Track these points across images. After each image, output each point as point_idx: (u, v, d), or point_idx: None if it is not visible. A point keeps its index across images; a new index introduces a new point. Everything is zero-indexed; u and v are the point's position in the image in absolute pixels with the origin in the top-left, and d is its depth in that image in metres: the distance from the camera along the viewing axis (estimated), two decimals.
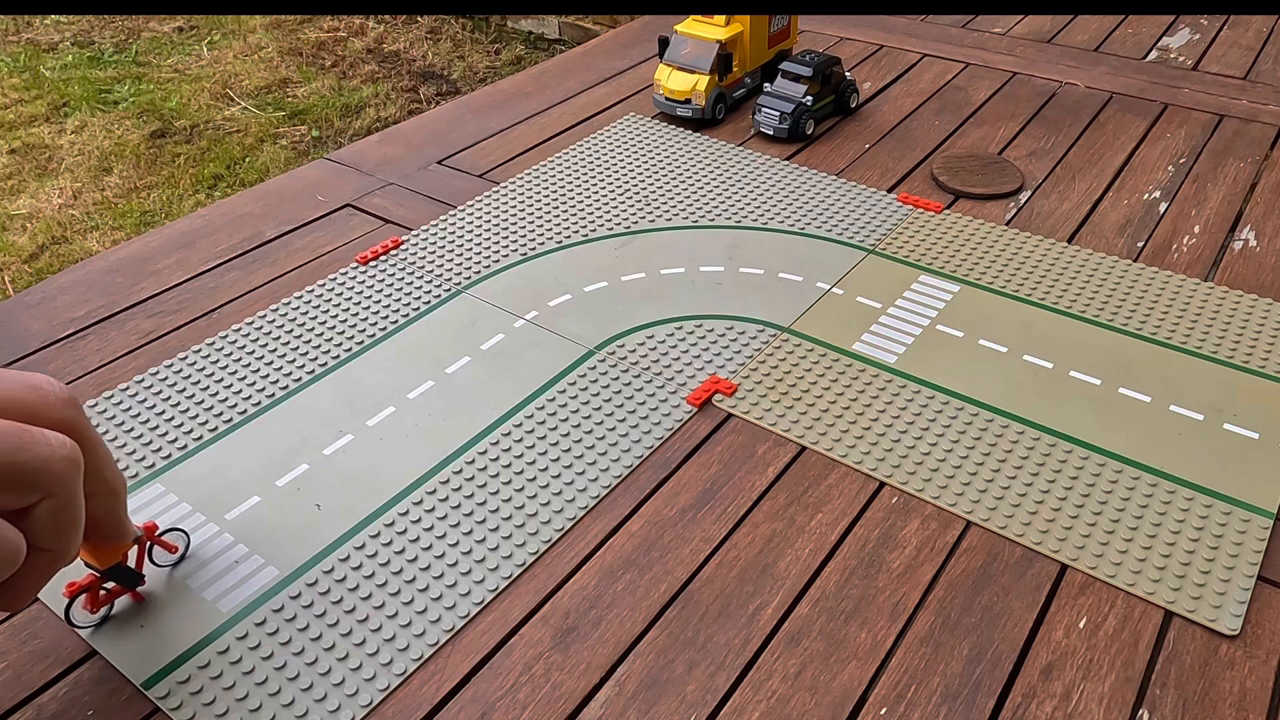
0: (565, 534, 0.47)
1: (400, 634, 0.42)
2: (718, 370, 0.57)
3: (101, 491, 0.36)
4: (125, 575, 0.42)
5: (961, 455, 0.51)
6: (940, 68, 0.95)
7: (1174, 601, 0.43)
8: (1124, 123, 0.84)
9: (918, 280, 0.64)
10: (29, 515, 0.33)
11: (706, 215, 0.71)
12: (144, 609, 0.43)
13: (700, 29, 0.83)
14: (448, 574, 0.45)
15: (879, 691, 0.40)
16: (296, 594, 0.44)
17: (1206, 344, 0.58)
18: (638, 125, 0.84)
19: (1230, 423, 0.52)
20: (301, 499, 0.48)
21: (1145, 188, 0.75)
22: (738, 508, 0.48)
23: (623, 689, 0.40)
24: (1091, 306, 0.61)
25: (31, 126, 2.45)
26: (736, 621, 0.43)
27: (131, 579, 0.42)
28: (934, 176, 0.76)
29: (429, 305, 0.62)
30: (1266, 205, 0.72)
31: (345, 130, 2.42)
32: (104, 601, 0.42)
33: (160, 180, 2.23)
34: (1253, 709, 0.39)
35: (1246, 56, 0.96)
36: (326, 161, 0.81)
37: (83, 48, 2.87)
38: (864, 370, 0.56)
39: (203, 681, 0.40)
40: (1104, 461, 0.50)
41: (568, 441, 0.52)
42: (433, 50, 2.82)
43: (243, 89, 2.61)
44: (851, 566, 0.45)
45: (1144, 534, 0.46)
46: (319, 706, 0.39)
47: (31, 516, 0.33)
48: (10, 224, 2.08)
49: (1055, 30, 1.03)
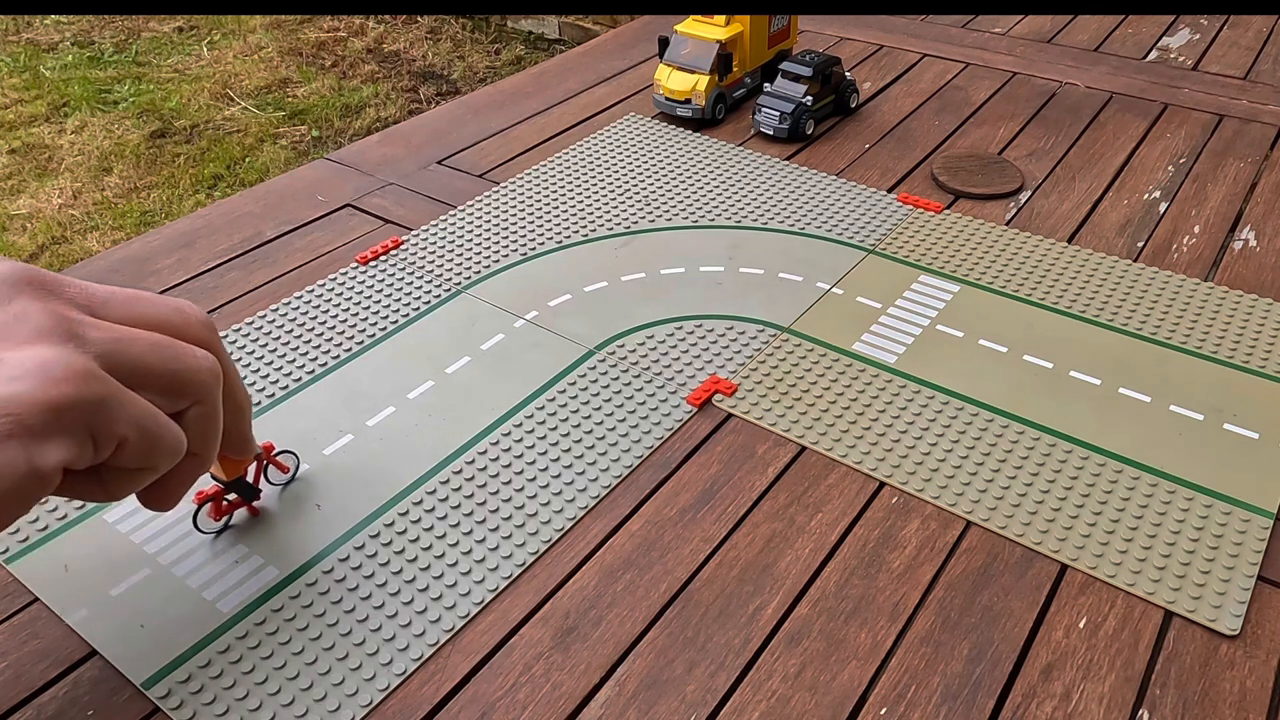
0: (565, 534, 0.47)
1: (400, 634, 0.42)
2: (718, 370, 0.57)
3: (233, 407, 0.40)
4: (245, 489, 0.47)
5: (961, 455, 0.51)
6: (940, 68, 0.95)
7: (1174, 601, 0.43)
8: (1124, 123, 0.84)
9: (918, 280, 0.64)
10: (180, 420, 0.37)
11: (706, 215, 0.71)
12: (144, 609, 0.43)
13: (700, 29, 0.83)
14: (448, 574, 0.45)
15: (879, 691, 0.40)
16: (296, 594, 0.44)
17: (1206, 344, 0.58)
18: (638, 125, 0.84)
19: (1230, 423, 0.52)
20: (301, 499, 0.48)
21: (1145, 188, 0.75)
22: (738, 508, 0.48)
23: (623, 689, 0.40)
24: (1091, 306, 0.61)
25: (31, 126, 2.45)
26: (736, 621, 0.43)
27: (250, 493, 0.47)
28: (934, 176, 0.76)
29: (429, 305, 0.62)
30: (1266, 205, 0.72)
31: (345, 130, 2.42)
32: (225, 511, 0.47)
33: (160, 180, 2.23)
34: (1253, 709, 0.39)
35: (1246, 56, 0.96)
36: (326, 161, 0.81)
37: (83, 48, 2.87)
38: (864, 370, 0.56)
39: (203, 681, 0.40)
40: (1104, 461, 0.50)
41: (568, 441, 0.52)
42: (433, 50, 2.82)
43: (243, 89, 2.61)
44: (851, 566, 0.45)
45: (1144, 534, 0.46)
46: (319, 706, 0.39)
47: (182, 421, 0.37)
48: (10, 224, 2.08)
49: (1055, 30, 1.03)
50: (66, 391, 0.32)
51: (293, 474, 0.49)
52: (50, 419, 0.31)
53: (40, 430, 0.31)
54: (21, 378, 0.31)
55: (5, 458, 0.31)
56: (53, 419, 0.32)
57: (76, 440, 0.32)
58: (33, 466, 0.31)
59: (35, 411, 0.31)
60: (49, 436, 0.32)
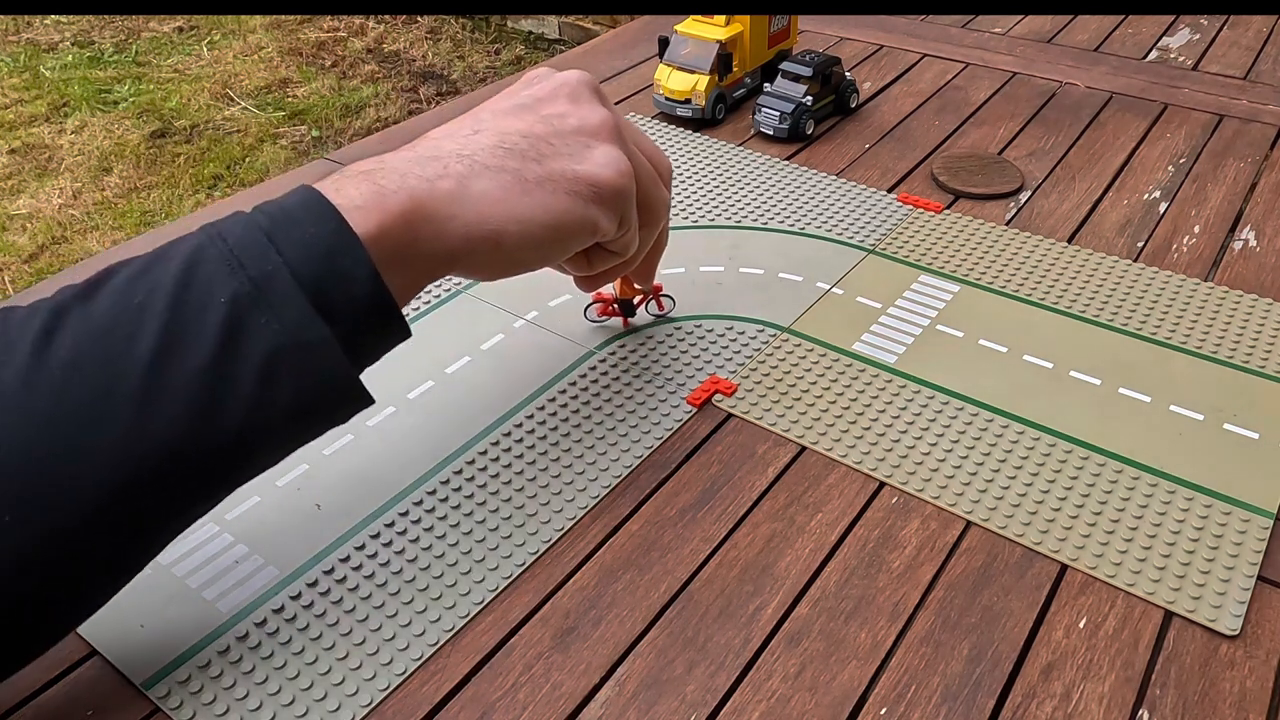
0: (565, 534, 0.47)
1: (400, 634, 0.42)
2: (718, 370, 0.57)
3: (660, 244, 0.53)
4: (628, 307, 0.59)
5: (961, 455, 0.51)
6: (940, 68, 0.95)
7: (1174, 601, 0.43)
8: (1124, 123, 0.84)
9: (918, 280, 0.64)
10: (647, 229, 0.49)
11: (706, 215, 0.71)
12: (144, 609, 0.43)
13: (700, 29, 0.83)
14: (448, 574, 0.45)
15: (879, 691, 0.40)
16: (296, 594, 0.44)
17: (1206, 344, 0.58)
18: (637, 125, 0.84)
19: (1230, 423, 0.52)
20: (301, 499, 0.48)
21: (1145, 188, 0.75)
22: (738, 508, 0.48)
23: (623, 689, 0.40)
24: (1091, 306, 0.61)
25: (31, 126, 2.45)
26: (736, 621, 0.43)
27: (629, 311, 0.59)
28: (934, 176, 0.76)
29: (429, 305, 0.62)
30: (1266, 205, 0.72)
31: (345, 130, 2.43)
32: (607, 313, 0.59)
33: (160, 180, 2.23)
34: (1253, 709, 0.39)
35: (1246, 56, 0.96)
36: (326, 161, 0.81)
37: (83, 48, 2.88)
38: (864, 370, 0.56)
39: (203, 681, 0.40)
40: (1104, 461, 0.50)
41: (568, 442, 0.52)
42: (433, 50, 2.82)
43: (243, 89, 2.61)
44: (851, 566, 0.45)
45: (1144, 534, 0.46)
46: (319, 706, 0.39)
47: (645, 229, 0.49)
48: (10, 224, 2.08)
49: (1055, 30, 1.03)
50: (625, 184, 0.44)
51: (666, 313, 0.60)
52: (612, 198, 0.43)
53: (607, 203, 0.43)
54: (605, 166, 0.43)
55: (586, 213, 0.43)
56: (613, 199, 0.43)
57: (615, 218, 0.44)
58: (595, 224, 0.43)
59: (608, 191, 0.43)
60: (607, 209, 0.44)
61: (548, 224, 0.42)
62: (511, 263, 0.43)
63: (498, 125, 0.43)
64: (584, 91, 0.45)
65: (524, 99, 0.45)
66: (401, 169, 0.40)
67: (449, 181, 0.40)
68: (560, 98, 0.45)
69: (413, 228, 0.39)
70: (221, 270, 0.35)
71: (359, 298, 0.37)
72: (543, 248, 0.43)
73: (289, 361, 0.35)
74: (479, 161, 0.41)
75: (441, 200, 0.40)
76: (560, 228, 0.42)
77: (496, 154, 0.42)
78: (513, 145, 0.42)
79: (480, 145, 0.42)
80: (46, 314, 0.35)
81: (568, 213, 0.42)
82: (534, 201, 0.41)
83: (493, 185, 0.41)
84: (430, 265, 0.40)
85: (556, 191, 0.42)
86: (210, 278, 0.35)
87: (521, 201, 0.41)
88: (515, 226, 0.41)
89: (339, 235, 0.37)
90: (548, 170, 0.42)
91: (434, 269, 0.40)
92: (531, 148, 0.42)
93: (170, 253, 0.36)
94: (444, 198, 0.40)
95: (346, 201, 0.38)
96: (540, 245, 0.42)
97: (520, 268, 0.44)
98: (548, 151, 0.42)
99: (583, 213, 0.42)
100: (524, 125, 0.43)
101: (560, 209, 0.42)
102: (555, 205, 0.42)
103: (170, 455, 0.34)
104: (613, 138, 0.44)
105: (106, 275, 0.36)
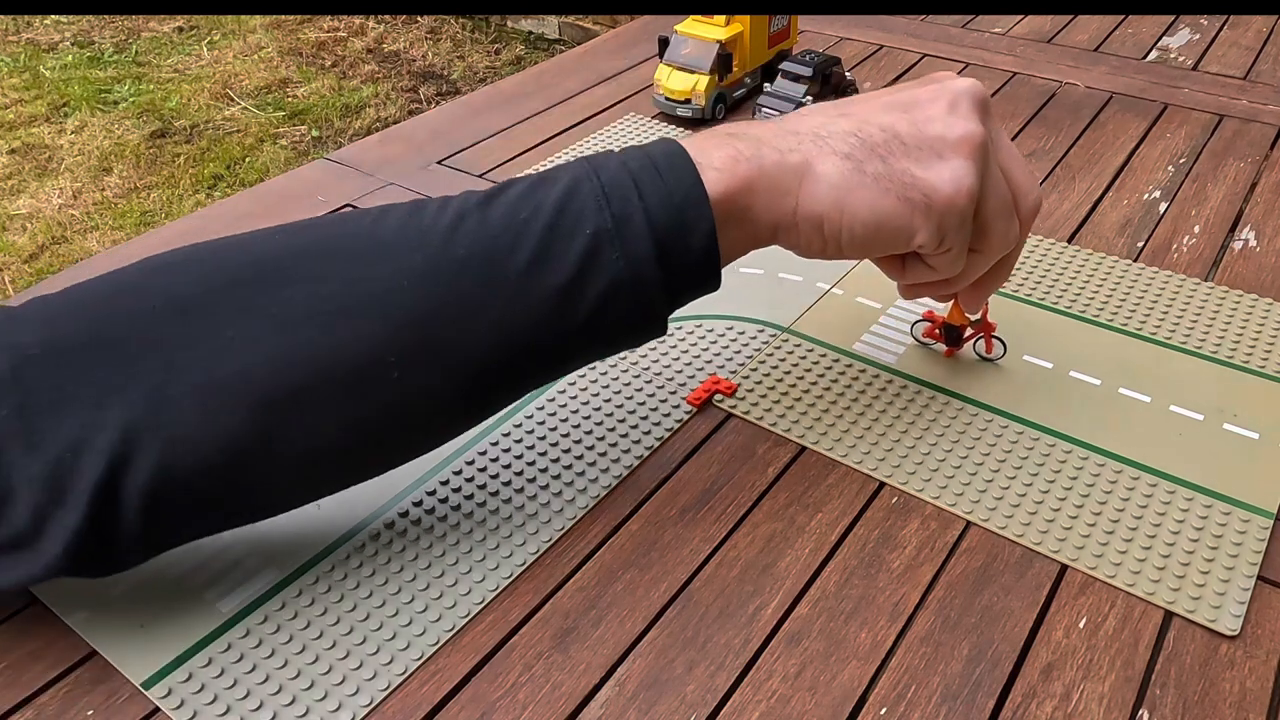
0: (565, 534, 0.47)
1: (400, 634, 0.42)
2: (718, 370, 0.57)
3: (998, 277, 0.50)
4: (955, 336, 0.56)
5: (961, 455, 0.51)
6: (940, 68, 0.95)
7: (1174, 601, 0.43)
8: (1124, 123, 0.84)
9: None
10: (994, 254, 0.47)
11: None
12: (144, 609, 0.43)
13: (700, 29, 0.83)
14: (448, 574, 0.45)
15: (879, 691, 0.40)
16: (297, 593, 0.44)
17: (1206, 344, 0.58)
18: (638, 125, 0.84)
19: (1230, 423, 0.52)
20: None
21: (1145, 188, 0.75)
22: (738, 508, 0.48)
23: (623, 689, 0.40)
24: (1091, 306, 0.61)
25: (31, 126, 2.45)
26: (736, 621, 0.43)
27: (955, 341, 0.56)
28: None
29: None
30: (1266, 205, 0.72)
31: (345, 130, 2.43)
32: (933, 336, 0.57)
33: (160, 180, 2.23)
34: (1253, 709, 0.39)
35: (1246, 56, 0.96)
36: (326, 161, 0.81)
37: (83, 48, 2.88)
38: (864, 370, 0.56)
39: (203, 681, 0.40)
40: (1104, 461, 0.50)
41: (568, 442, 0.52)
42: (433, 50, 2.82)
43: (243, 89, 2.61)
44: (851, 566, 0.45)
45: (1144, 534, 0.46)
46: (320, 705, 0.39)
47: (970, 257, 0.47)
48: (10, 224, 2.08)
49: (1055, 30, 1.03)
50: (962, 203, 0.43)
51: (997, 357, 0.57)
52: (942, 213, 0.43)
53: (935, 217, 0.43)
54: (948, 180, 0.42)
55: (909, 221, 0.43)
56: (942, 214, 0.43)
57: (938, 234, 0.43)
58: (913, 234, 0.43)
59: (941, 204, 0.42)
60: (931, 222, 0.43)
61: (868, 222, 0.43)
62: (828, 246, 0.44)
63: (863, 114, 0.44)
64: (964, 102, 0.44)
65: (904, 96, 0.45)
66: (761, 137, 0.43)
67: (797, 157, 0.43)
68: (939, 102, 0.44)
69: (753, 194, 0.42)
70: (591, 205, 0.41)
71: (694, 250, 0.42)
72: (856, 242, 0.44)
73: (624, 294, 0.41)
74: (830, 145, 0.43)
75: (786, 173, 0.43)
76: (880, 227, 0.43)
77: (849, 141, 0.43)
78: (867, 136, 0.43)
79: (838, 130, 0.43)
80: (453, 215, 0.41)
81: (891, 216, 0.43)
82: (863, 196, 0.42)
83: (833, 170, 0.42)
84: (757, 230, 0.44)
85: (889, 192, 0.42)
86: (581, 210, 0.41)
87: (853, 193, 0.42)
88: (838, 215, 0.43)
89: (693, 191, 0.41)
90: (889, 168, 0.43)
91: (759, 234, 0.44)
92: (884, 143, 0.43)
93: (555, 176, 0.42)
94: (789, 171, 0.43)
95: (706, 161, 0.42)
96: (855, 240, 0.44)
97: (836, 254, 0.45)
98: (898, 150, 0.43)
99: (906, 220, 0.43)
100: (888, 120, 0.44)
101: (884, 210, 0.43)
102: (881, 205, 0.42)
103: (520, 348, 0.41)
104: (971, 154, 0.43)
105: (502, 189, 0.42)
